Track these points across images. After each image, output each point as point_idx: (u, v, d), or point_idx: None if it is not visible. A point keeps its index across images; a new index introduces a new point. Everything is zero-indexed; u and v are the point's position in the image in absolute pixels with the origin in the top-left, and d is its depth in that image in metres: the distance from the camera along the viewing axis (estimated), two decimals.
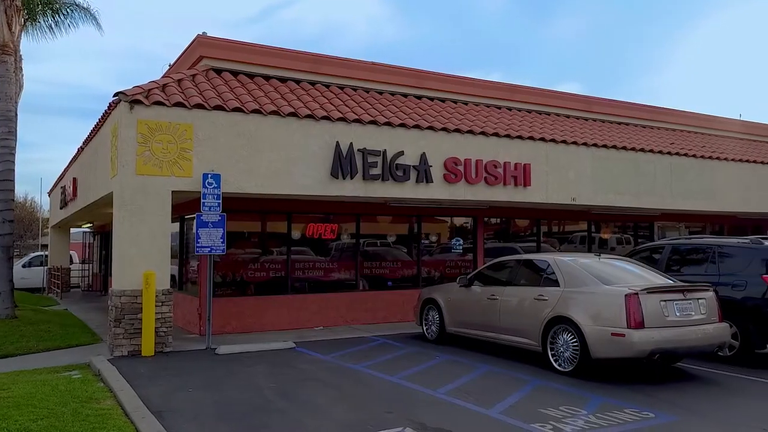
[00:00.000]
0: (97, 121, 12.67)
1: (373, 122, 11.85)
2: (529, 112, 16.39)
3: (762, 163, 17.67)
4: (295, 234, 13.10)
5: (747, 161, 17.37)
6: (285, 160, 10.97)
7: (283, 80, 12.99)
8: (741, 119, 21.99)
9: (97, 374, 8.52)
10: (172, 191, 10.14)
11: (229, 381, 8.09)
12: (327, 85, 13.44)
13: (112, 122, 10.82)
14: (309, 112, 11.32)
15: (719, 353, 9.11)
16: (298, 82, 13.15)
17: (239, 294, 12.47)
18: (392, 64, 14.83)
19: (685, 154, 16.09)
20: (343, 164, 11.34)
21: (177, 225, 13.25)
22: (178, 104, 10.21)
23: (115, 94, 10.10)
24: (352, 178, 11.44)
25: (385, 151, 11.77)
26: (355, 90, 13.73)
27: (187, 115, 10.25)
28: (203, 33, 12.57)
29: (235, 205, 11.57)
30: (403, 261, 14.50)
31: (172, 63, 14.49)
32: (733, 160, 17.06)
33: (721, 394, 7.55)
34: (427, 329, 11.38)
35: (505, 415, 6.49)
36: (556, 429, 6.04)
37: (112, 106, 10.79)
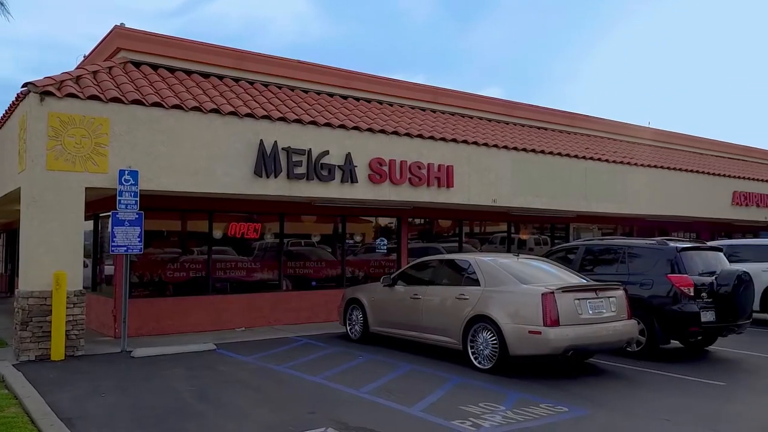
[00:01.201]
0: (4, 112, 11.97)
1: (298, 121, 11.76)
2: (453, 114, 16.70)
3: (668, 168, 18.71)
4: (217, 233, 12.82)
5: (655, 167, 18.34)
6: (207, 157, 10.71)
7: (205, 76, 12.69)
8: (650, 127, 23.22)
9: (0, 380, 8.06)
10: (86, 188, 9.71)
11: (145, 385, 7.83)
12: (251, 82, 13.23)
13: (20, 114, 10.24)
14: (232, 109, 11.11)
15: (628, 348, 9.56)
16: (221, 78, 12.87)
17: (157, 295, 12.08)
18: (318, 62, 14.76)
19: (599, 159, 16.82)
20: (267, 163, 11.19)
21: (91, 223, 12.70)
22: (93, 97, 9.79)
23: (24, 85, 9.58)
24: (276, 176, 11.31)
25: (310, 150, 11.70)
26: (280, 88, 13.58)
27: (103, 109, 9.84)
28: (121, 24, 12.11)
29: (154, 203, 11.20)
30: (328, 261, 14.46)
31: (87, 54, 13.88)
32: (642, 165, 17.97)
33: (629, 388, 7.94)
34: (350, 329, 11.40)
35: (426, 413, 6.59)
36: (475, 425, 6.18)
37: (20, 97, 10.22)
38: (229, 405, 6.92)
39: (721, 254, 10.71)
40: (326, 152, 11.88)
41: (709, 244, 11.86)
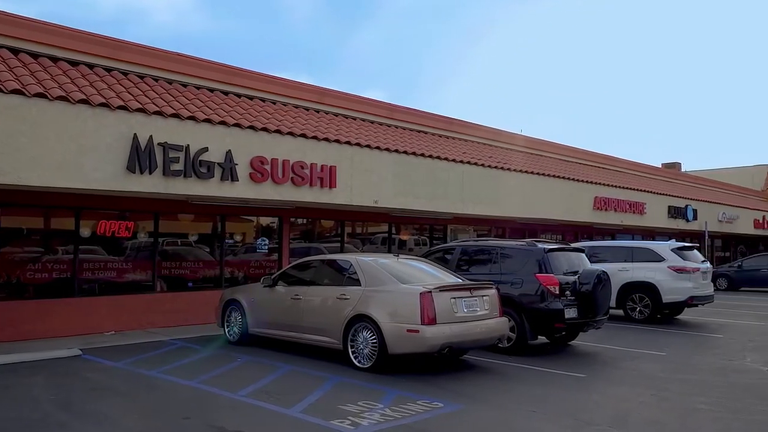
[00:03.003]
0: None
1: (176, 115, 11.31)
2: (336, 115, 16.75)
3: (538, 174, 19.86)
4: (85, 231, 12.04)
5: (526, 172, 19.40)
6: (75, 151, 10.03)
7: (73, 64, 11.88)
8: (523, 134, 24.55)
9: None
10: None
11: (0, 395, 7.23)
12: (125, 73, 12.55)
13: None
14: (103, 100, 10.49)
15: (499, 345, 10.02)
16: (91, 66, 12.11)
17: (15, 297, 11.14)
18: (198, 56, 14.26)
19: (475, 164, 17.53)
20: (141, 158, 10.66)
21: None
22: None
23: None
24: (150, 173, 10.80)
25: (188, 147, 11.28)
26: (156, 80, 12.99)
27: None
28: None
29: (13, 198, 10.36)
30: (206, 261, 14.03)
31: None
32: (515, 170, 18.94)
33: (500, 382, 8.36)
34: (229, 331, 11.13)
35: (305, 414, 6.58)
36: (354, 424, 6.25)
37: None
38: (96, 414, 6.54)
39: (584, 255, 11.53)
40: (205, 149, 11.51)
41: (573, 245, 12.73)
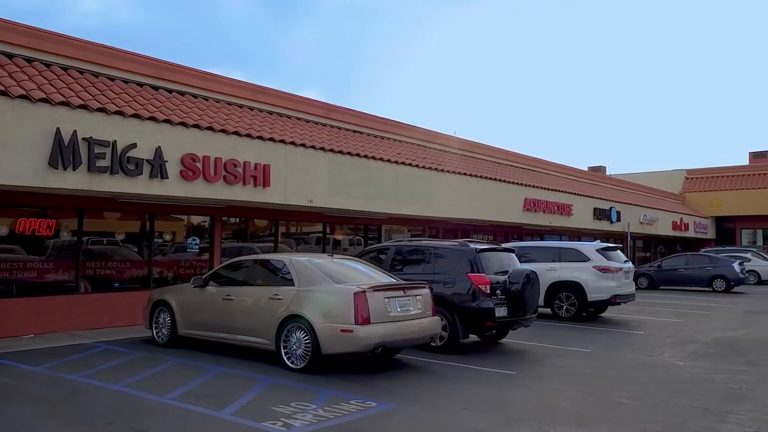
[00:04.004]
0: None
1: (102, 110, 10.89)
2: (271, 113, 16.54)
3: (471, 176, 20.22)
4: (2, 229, 11.44)
5: (460, 174, 19.72)
6: None
7: None
8: (457, 136, 24.92)
9: None
10: None
11: None
12: (47, 65, 11.99)
13: None
14: (23, 92, 9.98)
15: (432, 343, 10.13)
16: (10, 57, 11.51)
17: None
18: (127, 49, 13.78)
19: (410, 164, 17.69)
20: (64, 153, 10.21)
21: None
22: None
23: None
24: (74, 169, 10.36)
25: (115, 142, 10.88)
26: (81, 73, 12.47)
27: None
28: None
29: None
30: (133, 261, 13.58)
31: None
32: (449, 172, 19.22)
33: (433, 381, 8.45)
34: (157, 333, 10.82)
35: (236, 416, 6.46)
36: (286, 425, 6.19)
37: None
38: (13, 420, 6.22)
39: (514, 255, 11.81)
40: (134, 145, 11.14)
41: (504, 245, 13.02)
